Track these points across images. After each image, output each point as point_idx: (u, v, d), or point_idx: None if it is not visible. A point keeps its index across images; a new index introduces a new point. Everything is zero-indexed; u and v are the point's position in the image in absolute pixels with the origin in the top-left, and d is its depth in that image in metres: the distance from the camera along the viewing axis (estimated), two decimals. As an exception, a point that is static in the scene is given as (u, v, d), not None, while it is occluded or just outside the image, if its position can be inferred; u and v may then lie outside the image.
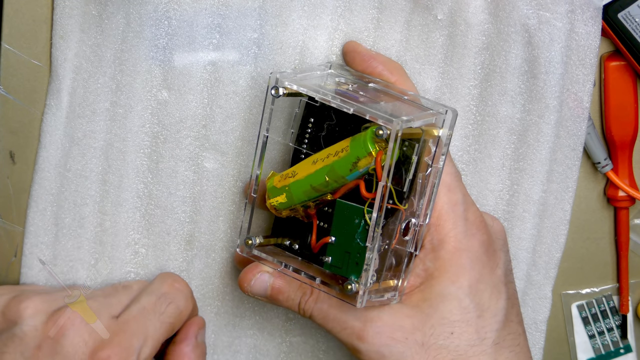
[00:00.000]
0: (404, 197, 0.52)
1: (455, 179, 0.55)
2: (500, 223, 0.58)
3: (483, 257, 0.53)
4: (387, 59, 0.59)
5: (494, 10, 0.60)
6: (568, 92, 0.62)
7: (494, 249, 0.55)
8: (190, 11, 0.59)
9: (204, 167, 0.62)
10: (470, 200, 0.55)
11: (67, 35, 0.59)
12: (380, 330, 0.53)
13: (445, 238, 0.53)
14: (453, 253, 0.53)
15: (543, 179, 0.63)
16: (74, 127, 0.60)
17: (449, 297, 0.53)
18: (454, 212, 0.53)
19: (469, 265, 0.53)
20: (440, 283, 0.53)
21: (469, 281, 0.53)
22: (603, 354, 0.70)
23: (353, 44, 0.59)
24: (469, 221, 0.54)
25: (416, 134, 0.51)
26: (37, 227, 0.61)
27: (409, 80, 0.58)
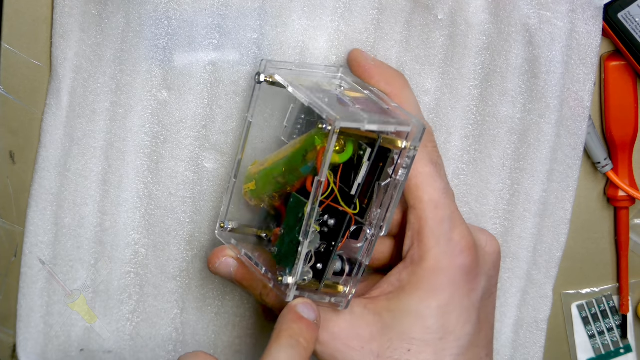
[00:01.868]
0: (353, 200, 0.52)
1: (444, 196, 0.53)
2: (496, 244, 0.56)
3: (459, 280, 0.52)
4: (387, 70, 0.57)
5: (494, 10, 0.60)
6: (569, 92, 0.62)
7: (475, 272, 0.53)
8: (190, 11, 0.59)
9: (204, 167, 0.62)
10: (458, 219, 0.53)
11: (67, 34, 0.59)
12: (336, 334, 0.52)
13: (425, 255, 0.52)
14: (429, 271, 0.52)
15: (544, 179, 0.63)
16: (74, 126, 0.60)
17: (413, 313, 0.52)
18: (438, 230, 0.52)
19: (442, 287, 0.52)
20: (408, 298, 0.52)
21: (438, 302, 0.51)
22: (603, 354, 0.70)
23: (355, 52, 0.58)
24: (452, 241, 0.52)
25: (374, 138, 0.51)
26: (37, 227, 0.62)
27: (407, 91, 0.56)
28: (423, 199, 0.52)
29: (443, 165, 0.54)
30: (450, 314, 0.52)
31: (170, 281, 0.64)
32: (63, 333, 0.64)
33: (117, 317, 0.64)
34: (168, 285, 0.64)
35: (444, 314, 0.51)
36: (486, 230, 0.57)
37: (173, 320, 0.65)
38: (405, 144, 0.50)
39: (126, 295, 0.64)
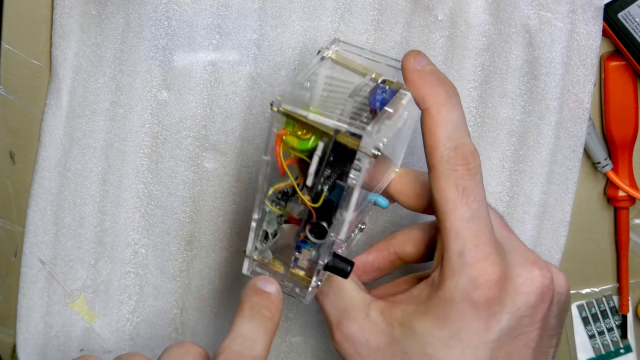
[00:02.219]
0: (309, 191, 0.50)
1: (468, 225, 0.50)
2: (541, 281, 0.50)
3: (469, 318, 0.49)
4: (429, 83, 0.51)
5: (494, 11, 0.60)
6: (569, 93, 0.62)
7: (493, 311, 0.50)
8: (190, 12, 0.59)
9: (204, 167, 0.62)
10: (484, 252, 0.49)
11: (67, 35, 0.59)
12: (348, 337, 0.52)
13: (442, 284, 0.50)
14: (442, 301, 0.50)
15: (543, 181, 0.63)
16: (73, 126, 0.60)
17: (417, 336, 0.50)
18: (456, 261, 0.49)
19: (451, 319, 0.50)
20: (418, 320, 0.50)
21: (442, 333, 0.49)
22: (603, 354, 0.70)
23: (405, 58, 0.52)
24: (469, 276, 0.49)
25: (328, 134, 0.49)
26: (37, 227, 0.62)
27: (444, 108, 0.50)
28: (445, 226, 0.50)
29: (476, 191, 0.50)
30: (454, 348, 0.49)
31: (170, 281, 0.64)
32: (63, 333, 0.64)
33: (116, 317, 0.64)
34: (168, 285, 0.64)
35: (447, 346, 0.49)
36: (540, 267, 0.51)
37: (173, 320, 0.65)
38: (358, 146, 0.47)
39: (126, 295, 0.64)
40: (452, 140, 0.49)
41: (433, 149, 0.50)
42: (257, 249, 0.52)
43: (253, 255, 0.52)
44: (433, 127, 0.50)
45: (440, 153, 0.49)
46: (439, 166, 0.49)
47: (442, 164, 0.49)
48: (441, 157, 0.49)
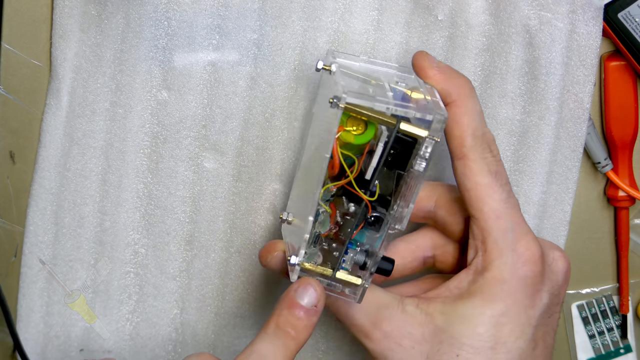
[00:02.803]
0: (368, 186, 0.50)
1: (505, 206, 0.52)
2: (565, 263, 0.54)
3: (518, 294, 0.51)
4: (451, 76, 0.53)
5: (494, 11, 0.60)
6: (568, 94, 0.62)
7: (538, 288, 0.52)
8: (190, 12, 0.59)
9: (204, 167, 0.62)
10: (523, 229, 0.52)
11: (67, 35, 0.59)
12: (388, 333, 0.52)
13: (489, 265, 0.51)
14: (491, 281, 0.51)
15: (543, 181, 0.63)
16: (73, 126, 0.60)
17: (466, 319, 0.51)
18: (502, 240, 0.51)
19: (500, 297, 0.51)
20: (464, 304, 0.51)
21: (493, 311, 0.51)
22: (603, 354, 0.70)
23: (418, 56, 0.54)
24: (516, 252, 0.51)
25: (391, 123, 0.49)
26: (37, 227, 0.62)
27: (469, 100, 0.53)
28: (483, 210, 0.52)
29: (504, 174, 0.53)
30: (503, 325, 0.51)
31: (169, 281, 0.64)
32: (63, 333, 0.64)
33: (116, 317, 0.64)
34: (168, 285, 0.64)
35: (497, 324, 0.51)
36: (558, 248, 0.55)
37: (173, 320, 0.65)
38: (426, 134, 0.49)
39: (126, 295, 0.64)
40: (479, 130, 0.52)
41: (462, 139, 0.52)
42: (307, 254, 0.52)
43: (303, 262, 0.51)
44: (461, 117, 0.52)
45: (470, 142, 0.52)
46: (469, 154, 0.52)
47: (473, 152, 0.52)
48: (471, 146, 0.52)
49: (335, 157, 0.50)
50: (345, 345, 0.66)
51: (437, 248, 0.57)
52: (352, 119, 0.49)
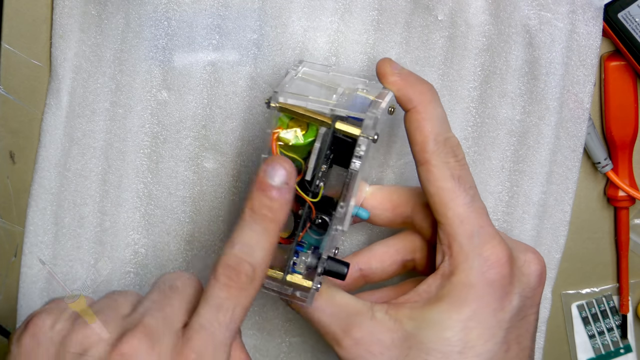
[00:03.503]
0: (309, 187, 0.50)
1: (469, 210, 0.52)
2: (537, 266, 0.53)
3: (487, 297, 0.51)
4: (413, 83, 0.53)
5: (494, 11, 0.60)
6: (568, 94, 0.62)
7: (506, 291, 0.51)
8: (189, 12, 0.59)
9: (204, 167, 0.62)
10: (489, 233, 0.52)
11: (67, 35, 0.59)
12: (358, 340, 0.52)
13: (455, 270, 0.51)
14: (457, 285, 0.51)
15: (543, 181, 0.63)
16: (73, 126, 0.60)
17: (434, 324, 0.51)
18: (467, 245, 0.51)
19: (467, 301, 0.51)
20: (432, 309, 0.51)
21: (460, 315, 0.51)
22: (603, 354, 0.70)
23: (381, 63, 0.54)
24: (482, 256, 0.51)
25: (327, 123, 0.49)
26: (37, 227, 0.62)
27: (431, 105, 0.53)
28: (447, 215, 0.51)
29: (469, 179, 0.52)
30: (472, 329, 0.51)
31: (170, 281, 0.64)
32: (63, 333, 0.64)
33: (117, 317, 0.64)
34: (168, 285, 0.64)
35: (464, 328, 0.51)
36: (532, 250, 0.54)
37: (173, 320, 0.64)
38: (359, 132, 0.49)
39: (126, 295, 0.64)
40: (441, 135, 0.52)
41: (424, 145, 0.52)
42: None
43: None
44: (422, 123, 0.52)
45: (431, 148, 0.52)
46: (431, 160, 0.52)
47: (435, 157, 0.52)
48: (433, 152, 0.52)
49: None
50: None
51: (416, 251, 0.57)
52: (294, 121, 0.50)
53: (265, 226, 0.48)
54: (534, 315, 0.53)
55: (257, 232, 0.48)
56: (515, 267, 0.52)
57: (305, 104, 0.49)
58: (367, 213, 0.56)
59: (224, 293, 0.47)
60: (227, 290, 0.47)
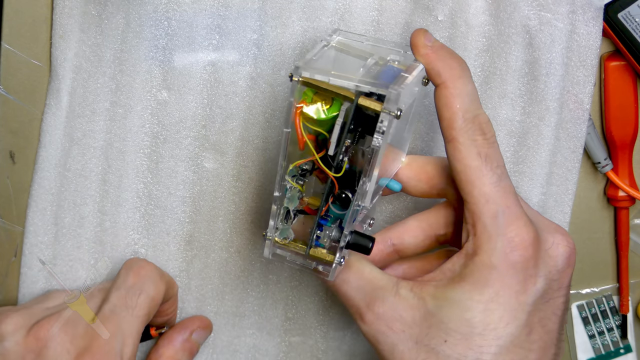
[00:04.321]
0: (332, 162, 0.50)
1: (496, 189, 0.51)
2: (565, 248, 0.52)
3: (509, 278, 0.50)
4: (444, 56, 0.52)
5: (494, 11, 0.60)
6: (568, 94, 0.62)
7: (530, 273, 0.51)
8: (190, 12, 0.59)
9: (204, 167, 0.62)
10: (515, 213, 0.51)
11: (67, 35, 0.59)
12: (380, 315, 0.52)
13: (478, 250, 0.51)
14: (480, 266, 0.51)
15: (542, 182, 0.63)
16: (73, 126, 0.60)
17: (455, 304, 0.50)
18: (491, 225, 0.51)
19: (490, 282, 0.50)
20: (454, 289, 0.51)
21: (482, 296, 0.50)
22: (603, 354, 0.70)
23: (415, 35, 0.53)
24: (506, 237, 0.50)
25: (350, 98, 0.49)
26: (37, 227, 0.62)
27: (461, 80, 0.52)
28: (473, 194, 0.51)
29: (497, 157, 0.52)
30: (493, 311, 0.50)
31: (170, 281, 0.64)
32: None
33: (117, 317, 0.64)
34: (168, 285, 0.64)
35: (486, 309, 0.50)
36: (561, 231, 0.53)
37: (173, 320, 0.65)
38: (380, 107, 0.48)
39: (126, 295, 0.64)
40: (470, 112, 0.51)
41: (451, 121, 0.51)
42: (278, 230, 0.52)
43: (275, 237, 0.52)
44: (450, 99, 0.51)
45: (459, 125, 0.51)
46: (459, 137, 0.51)
47: (462, 135, 0.51)
48: (460, 129, 0.51)
49: (298, 131, 0.49)
50: (345, 345, 0.66)
51: (449, 226, 0.56)
52: (318, 95, 0.49)
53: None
54: (562, 298, 0.52)
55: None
56: (542, 249, 0.51)
57: (327, 79, 0.48)
58: (399, 185, 0.56)
59: (132, 279, 0.52)
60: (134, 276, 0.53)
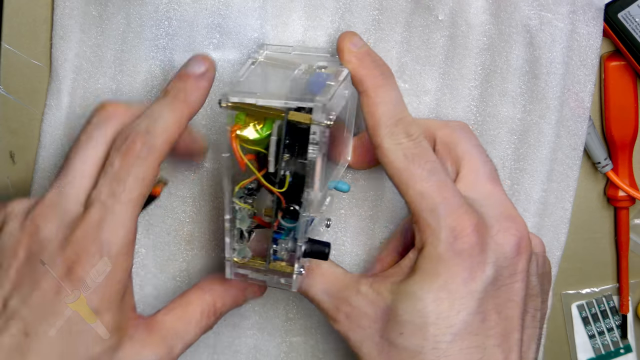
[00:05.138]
0: (274, 179, 0.51)
1: (429, 185, 0.51)
2: (512, 237, 0.52)
3: (454, 267, 0.51)
4: (368, 64, 0.54)
5: (495, 11, 0.60)
6: (569, 93, 0.62)
7: (476, 260, 0.51)
8: (190, 11, 0.59)
9: (204, 167, 0.62)
10: (455, 204, 0.51)
11: (68, 35, 0.59)
12: (349, 314, 0.53)
13: (425, 243, 0.52)
14: (427, 259, 0.51)
15: (543, 179, 0.63)
16: (74, 127, 0.61)
17: (408, 296, 0.51)
18: (430, 218, 0.51)
19: (437, 272, 0.51)
20: (407, 282, 0.52)
21: (430, 286, 0.51)
22: (603, 354, 0.70)
23: (341, 39, 0.54)
24: (447, 228, 0.51)
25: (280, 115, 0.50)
26: (37, 227, 0.61)
27: (382, 90, 0.53)
28: (409, 193, 0.52)
29: (425, 154, 0.52)
30: (443, 300, 0.51)
31: (169, 281, 0.64)
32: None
33: (117, 317, 0.64)
34: (168, 285, 0.64)
35: (436, 299, 0.51)
36: (512, 219, 0.53)
37: (173, 320, 0.64)
38: (310, 121, 0.49)
39: (126, 296, 0.64)
40: (392, 118, 0.52)
41: (375, 129, 0.52)
42: (235, 250, 0.53)
43: (233, 257, 0.53)
44: (372, 108, 0.53)
45: (383, 131, 0.52)
46: (383, 143, 0.52)
47: (386, 140, 0.52)
48: (384, 135, 0.52)
49: (236, 154, 0.51)
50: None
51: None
52: (250, 116, 0.50)
53: (173, 104, 0.51)
54: (517, 284, 0.52)
55: (163, 107, 0.51)
56: (488, 235, 0.52)
57: (255, 101, 0.50)
58: (348, 186, 0.57)
59: (118, 162, 0.50)
60: (122, 158, 0.50)
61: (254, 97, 0.49)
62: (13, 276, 0.50)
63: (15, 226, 0.51)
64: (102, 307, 0.49)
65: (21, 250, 0.50)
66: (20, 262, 0.50)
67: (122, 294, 0.51)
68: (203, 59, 0.53)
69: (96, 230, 0.49)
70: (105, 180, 0.50)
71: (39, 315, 0.48)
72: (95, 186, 0.50)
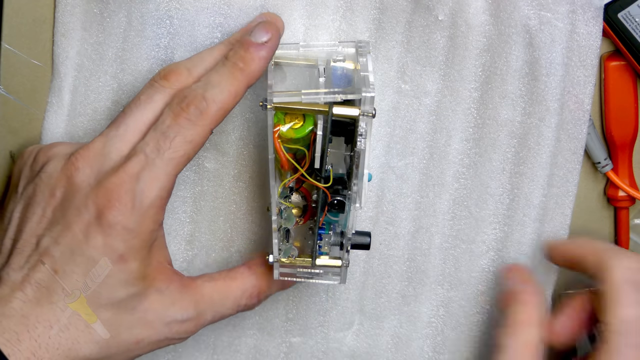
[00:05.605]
0: (320, 174, 0.52)
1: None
2: None
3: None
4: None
5: (494, 11, 0.60)
6: (569, 95, 0.62)
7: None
8: (191, 10, 0.59)
9: (205, 167, 0.62)
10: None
11: (69, 33, 0.59)
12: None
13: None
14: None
15: (543, 183, 0.63)
16: (75, 125, 0.60)
17: None
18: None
19: None
20: None
21: None
22: (603, 354, 0.70)
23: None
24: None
25: (324, 111, 0.51)
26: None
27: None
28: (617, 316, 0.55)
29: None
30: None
31: (170, 281, 0.64)
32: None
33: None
34: (168, 285, 0.64)
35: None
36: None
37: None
38: (357, 112, 0.51)
39: (126, 295, 0.64)
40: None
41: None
42: (281, 251, 0.55)
43: (280, 257, 0.55)
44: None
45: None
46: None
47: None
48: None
49: (280, 155, 0.52)
50: (345, 346, 0.66)
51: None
52: (289, 115, 0.52)
53: (232, 72, 0.52)
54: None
55: (222, 75, 0.52)
56: None
57: (299, 99, 0.51)
58: (371, 175, 0.57)
59: (169, 120, 0.51)
60: (173, 118, 0.51)
61: (298, 95, 0.51)
62: (49, 215, 0.52)
63: (57, 167, 0.52)
64: (129, 255, 0.51)
65: (58, 191, 0.52)
66: (56, 202, 0.52)
67: (149, 244, 0.52)
68: (268, 28, 0.54)
69: (133, 179, 0.50)
70: (153, 134, 0.51)
71: (68, 256, 0.50)
72: (143, 139, 0.51)
